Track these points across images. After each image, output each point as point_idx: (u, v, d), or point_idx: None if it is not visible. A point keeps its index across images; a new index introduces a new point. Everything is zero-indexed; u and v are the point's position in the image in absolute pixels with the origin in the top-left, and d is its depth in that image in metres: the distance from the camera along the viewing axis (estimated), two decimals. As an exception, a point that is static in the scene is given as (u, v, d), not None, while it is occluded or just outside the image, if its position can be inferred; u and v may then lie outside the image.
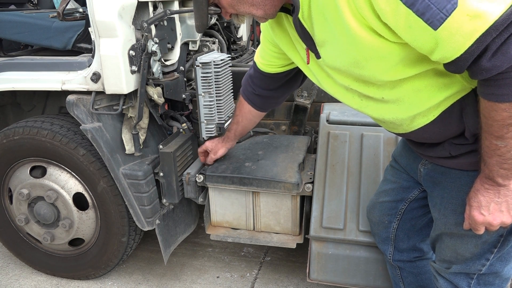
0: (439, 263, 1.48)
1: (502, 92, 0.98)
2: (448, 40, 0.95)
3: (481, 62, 0.95)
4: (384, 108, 1.26)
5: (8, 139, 2.24)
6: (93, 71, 1.99)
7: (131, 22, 1.98)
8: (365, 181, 1.96)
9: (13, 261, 2.73)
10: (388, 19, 0.98)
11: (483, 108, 1.05)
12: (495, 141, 1.05)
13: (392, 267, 1.81)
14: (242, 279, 2.53)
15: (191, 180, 2.18)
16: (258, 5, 1.21)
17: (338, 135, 2.06)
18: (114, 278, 2.57)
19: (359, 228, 1.91)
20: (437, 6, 0.92)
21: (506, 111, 0.99)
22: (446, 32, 0.94)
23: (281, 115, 2.44)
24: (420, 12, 0.93)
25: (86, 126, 2.01)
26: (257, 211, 2.21)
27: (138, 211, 2.14)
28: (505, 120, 1.01)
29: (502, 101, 0.99)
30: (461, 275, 1.41)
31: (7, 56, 2.44)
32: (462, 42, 0.94)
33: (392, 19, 0.98)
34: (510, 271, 1.38)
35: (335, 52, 1.17)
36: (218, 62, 2.08)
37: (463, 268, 1.39)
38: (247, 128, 2.01)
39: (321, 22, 1.13)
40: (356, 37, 1.05)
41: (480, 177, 1.16)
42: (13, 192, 2.41)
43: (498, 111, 1.01)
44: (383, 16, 0.98)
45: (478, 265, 1.36)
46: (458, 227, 1.32)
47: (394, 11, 0.96)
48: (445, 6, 0.91)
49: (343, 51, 1.13)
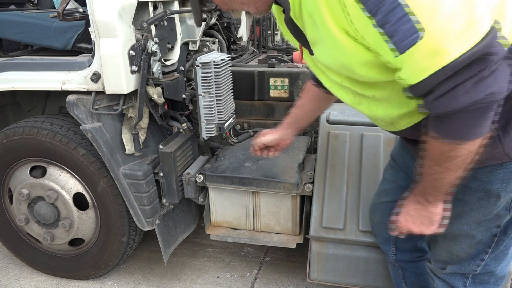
0: (435, 264, 1.48)
1: (444, 128, 1.00)
2: (408, 67, 0.96)
3: (429, 98, 0.97)
4: (375, 106, 1.26)
5: (8, 139, 2.24)
6: (93, 71, 1.99)
7: (131, 22, 1.97)
8: (365, 181, 1.96)
9: (13, 261, 2.73)
10: (360, 31, 0.99)
11: (429, 134, 1.06)
12: (434, 166, 1.10)
13: (394, 267, 1.81)
14: (242, 279, 2.53)
15: (191, 180, 2.18)
16: (249, 3, 1.23)
17: (338, 135, 2.06)
18: (114, 278, 2.57)
19: (359, 228, 1.91)
20: (404, 34, 0.92)
21: (446, 145, 1.02)
22: (407, 60, 0.95)
23: (281, 115, 2.43)
24: (388, 35, 0.94)
25: (86, 126, 2.01)
26: (257, 211, 2.21)
27: (138, 211, 2.14)
28: (444, 153, 1.05)
29: (444, 136, 1.02)
30: (456, 275, 1.42)
31: (7, 56, 2.44)
32: (418, 72, 0.95)
33: (363, 33, 0.99)
34: (505, 269, 1.39)
35: (324, 53, 1.17)
36: (218, 62, 2.07)
37: (458, 269, 1.40)
38: (310, 114, 1.74)
39: (311, 23, 1.13)
40: (339, 42, 1.05)
41: (416, 190, 1.23)
42: (13, 192, 2.41)
43: (439, 143, 1.04)
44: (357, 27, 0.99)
45: (473, 266, 1.37)
46: (451, 227, 1.31)
47: (365, 28, 0.97)
48: (411, 35, 0.91)
49: (331, 54, 1.13)
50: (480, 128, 0.99)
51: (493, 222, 1.29)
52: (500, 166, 1.19)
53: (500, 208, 1.25)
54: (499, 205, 1.24)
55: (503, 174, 1.20)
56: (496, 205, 1.24)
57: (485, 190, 1.24)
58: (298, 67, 2.44)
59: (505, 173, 1.19)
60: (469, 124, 0.98)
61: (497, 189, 1.22)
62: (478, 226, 1.30)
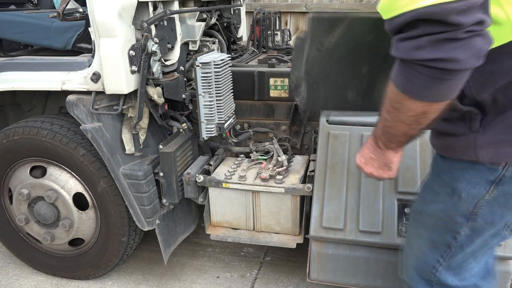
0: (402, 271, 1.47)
1: (398, 74, 0.99)
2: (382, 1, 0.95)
3: (394, 38, 0.95)
4: None
5: (8, 139, 2.24)
6: (93, 71, 1.99)
7: (131, 22, 1.97)
8: (365, 181, 1.96)
9: (13, 261, 2.73)
10: None
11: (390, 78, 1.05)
12: (385, 113, 1.10)
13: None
14: (242, 279, 2.53)
15: (191, 180, 2.18)
16: None
17: (338, 135, 2.06)
18: (114, 278, 2.57)
19: (359, 228, 1.91)
20: None
21: (395, 94, 1.02)
22: None
23: (281, 115, 2.44)
24: None
25: (86, 126, 2.01)
26: (257, 211, 2.21)
27: (138, 211, 2.14)
28: (392, 102, 1.05)
29: (395, 82, 1.01)
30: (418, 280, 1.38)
31: (7, 56, 2.44)
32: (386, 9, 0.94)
33: None
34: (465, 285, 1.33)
35: None
36: (218, 62, 2.07)
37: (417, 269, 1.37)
38: None
39: None
40: None
41: (373, 133, 1.25)
42: (13, 192, 2.41)
43: (391, 88, 1.03)
44: None
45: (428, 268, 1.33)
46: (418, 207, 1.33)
47: None
48: None
49: None
50: (427, 91, 0.96)
51: (449, 228, 1.25)
52: (471, 166, 1.14)
53: (458, 212, 1.20)
54: (458, 209, 1.20)
55: (471, 174, 1.15)
56: (455, 207, 1.20)
57: (452, 186, 1.20)
58: (298, 67, 2.44)
59: (473, 174, 1.15)
60: (417, 81, 0.95)
61: (461, 189, 1.17)
62: (436, 222, 1.27)
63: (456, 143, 1.16)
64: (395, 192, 1.92)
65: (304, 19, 4.98)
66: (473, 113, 1.11)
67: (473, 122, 1.12)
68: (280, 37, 3.40)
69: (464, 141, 1.13)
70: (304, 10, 4.91)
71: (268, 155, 2.37)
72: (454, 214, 1.22)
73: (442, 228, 1.27)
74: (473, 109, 1.10)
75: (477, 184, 1.15)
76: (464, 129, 1.14)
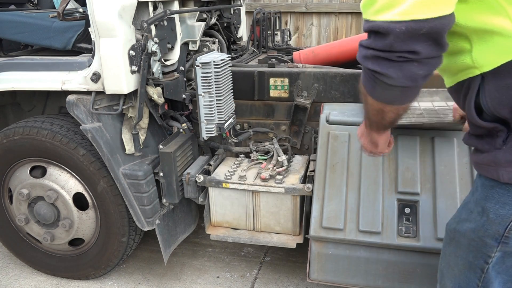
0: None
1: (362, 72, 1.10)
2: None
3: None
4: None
5: (8, 139, 2.24)
6: (93, 71, 1.99)
7: (131, 22, 1.97)
8: (365, 181, 1.96)
9: (13, 261, 2.73)
10: None
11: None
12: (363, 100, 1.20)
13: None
14: (242, 279, 2.53)
15: (191, 180, 2.18)
16: None
17: (338, 135, 2.06)
18: (114, 278, 2.57)
19: (359, 228, 1.91)
20: None
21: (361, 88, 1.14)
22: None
23: (281, 115, 2.44)
24: None
25: (86, 126, 2.01)
26: (257, 211, 2.21)
27: (138, 211, 2.14)
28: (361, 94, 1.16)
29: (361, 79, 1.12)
30: None
31: (7, 56, 2.44)
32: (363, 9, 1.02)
33: None
34: None
35: None
36: (218, 62, 2.08)
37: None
38: None
39: None
40: None
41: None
42: (13, 192, 2.41)
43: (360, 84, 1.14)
44: None
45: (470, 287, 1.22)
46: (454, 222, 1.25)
47: None
48: None
49: None
50: (377, 94, 1.09)
51: (480, 251, 1.17)
52: (499, 184, 1.09)
53: (488, 233, 1.13)
54: (487, 230, 1.13)
55: (500, 194, 1.09)
56: (484, 228, 1.13)
57: (482, 205, 1.14)
58: (298, 67, 2.44)
59: (502, 193, 1.09)
60: (368, 83, 1.09)
61: (489, 208, 1.12)
62: (469, 243, 1.19)
63: (482, 160, 1.13)
64: (395, 192, 1.92)
65: (304, 19, 4.99)
66: (498, 129, 1.07)
67: (498, 139, 1.08)
68: (280, 37, 3.40)
69: (488, 158, 1.10)
70: (304, 10, 4.91)
71: (268, 155, 2.37)
72: (484, 236, 1.14)
73: (475, 249, 1.18)
74: (498, 125, 1.07)
75: (506, 205, 1.09)
76: (489, 145, 1.10)
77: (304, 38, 5.05)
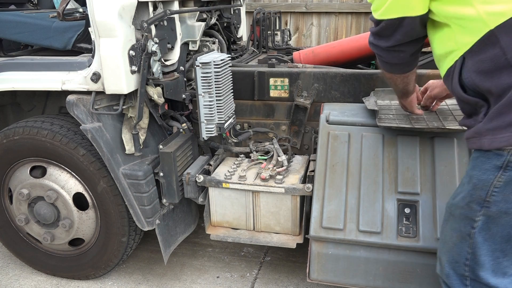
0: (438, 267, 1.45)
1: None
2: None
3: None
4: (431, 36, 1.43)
5: (8, 139, 2.24)
6: (93, 71, 1.99)
7: (131, 22, 1.97)
8: (365, 181, 1.96)
9: (13, 261, 2.73)
10: None
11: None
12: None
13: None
14: (242, 279, 2.53)
15: (191, 180, 2.18)
16: None
17: (338, 135, 2.05)
18: (114, 278, 2.57)
19: (359, 228, 1.91)
20: None
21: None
22: None
23: (281, 115, 2.44)
24: None
25: (86, 126, 2.01)
26: (257, 211, 2.21)
27: (138, 211, 2.14)
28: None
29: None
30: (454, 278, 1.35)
31: (7, 56, 2.44)
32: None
33: None
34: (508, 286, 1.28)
35: None
36: (218, 62, 2.07)
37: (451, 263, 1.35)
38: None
39: None
40: None
41: None
42: (13, 192, 2.41)
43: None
44: None
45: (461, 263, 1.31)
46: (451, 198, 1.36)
47: None
48: None
49: None
50: (382, 64, 1.58)
51: (468, 216, 1.27)
52: (482, 154, 1.22)
53: (473, 198, 1.25)
54: (473, 195, 1.25)
55: (482, 161, 1.22)
56: (470, 194, 1.26)
57: (469, 174, 1.28)
58: (298, 67, 2.44)
59: (483, 161, 1.21)
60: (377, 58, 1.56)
61: (474, 176, 1.24)
62: (461, 211, 1.30)
63: (469, 134, 1.26)
64: (395, 192, 1.92)
65: (304, 19, 4.99)
66: (480, 105, 1.22)
67: (480, 114, 1.23)
68: (280, 37, 3.40)
69: (473, 131, 1.24)
70: (304, 10, 4.91)
71: (268, 155, 2.37)
72: (470, 201, 1.26)
73: (464, 217, 1.30)
74: (480, 100, 1.22)
75: (487, 171, 1.20)
76: (475, 121, 1.25)
77: (304, 38, 5.05)
